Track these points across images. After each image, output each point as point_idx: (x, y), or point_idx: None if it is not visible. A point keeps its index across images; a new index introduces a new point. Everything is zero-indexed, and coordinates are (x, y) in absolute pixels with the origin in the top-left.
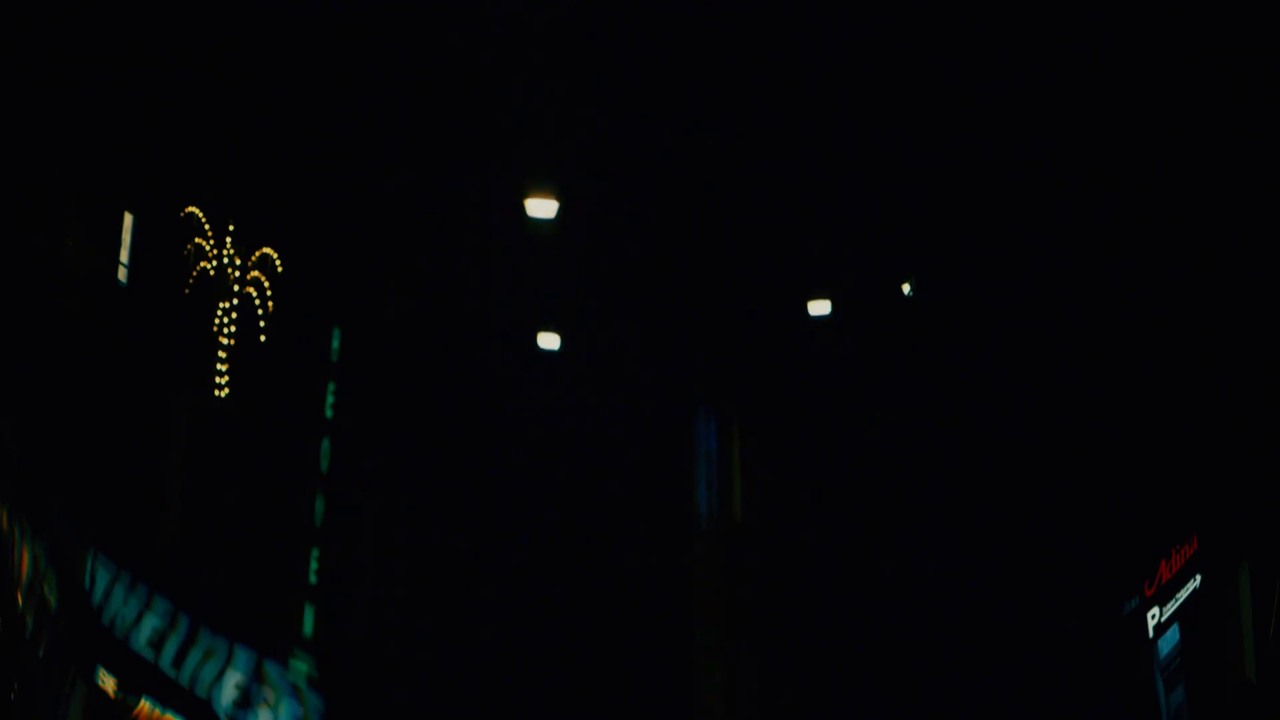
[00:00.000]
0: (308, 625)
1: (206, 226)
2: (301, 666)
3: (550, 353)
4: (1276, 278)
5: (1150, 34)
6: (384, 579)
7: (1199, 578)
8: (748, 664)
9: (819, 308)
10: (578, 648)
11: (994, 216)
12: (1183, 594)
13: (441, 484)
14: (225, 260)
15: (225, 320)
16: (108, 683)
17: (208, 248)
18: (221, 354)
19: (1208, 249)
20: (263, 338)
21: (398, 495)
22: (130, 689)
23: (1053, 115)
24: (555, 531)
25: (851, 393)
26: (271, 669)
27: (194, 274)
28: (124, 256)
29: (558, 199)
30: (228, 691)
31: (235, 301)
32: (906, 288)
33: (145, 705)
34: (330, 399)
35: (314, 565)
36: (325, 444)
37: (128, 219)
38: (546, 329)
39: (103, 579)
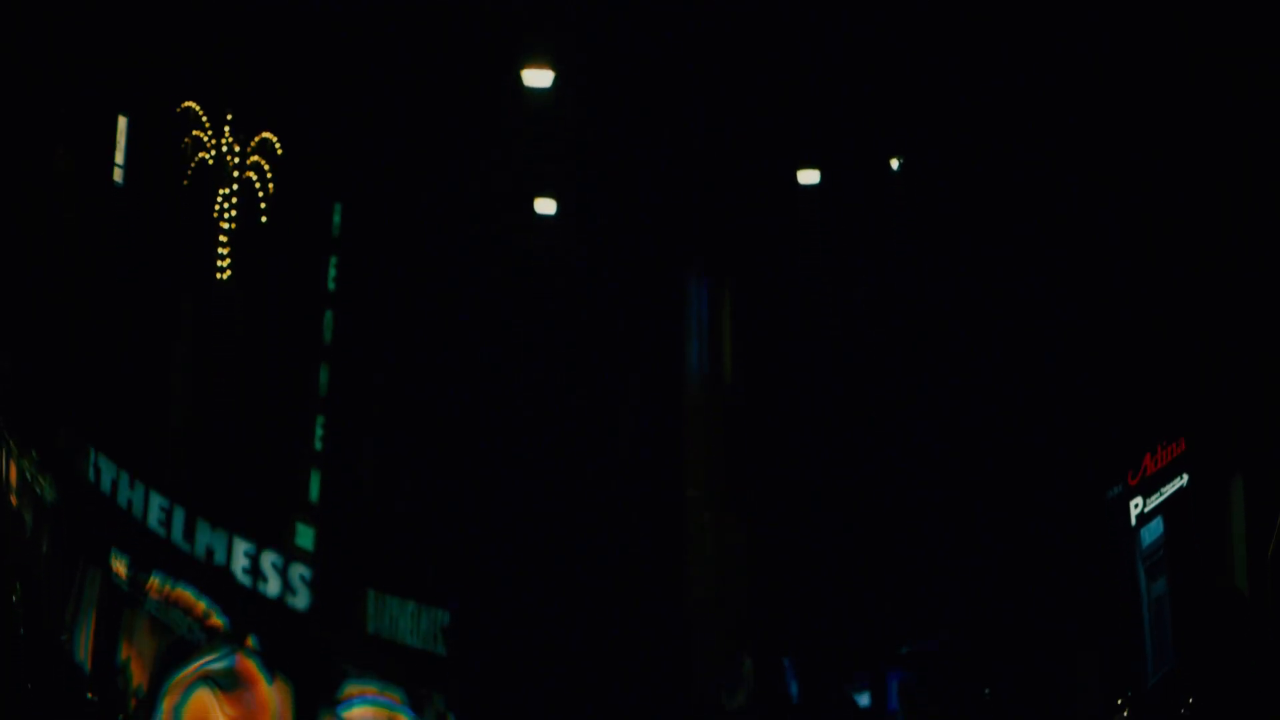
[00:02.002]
0: (314, 491)
1: (204, 119)
2: (308, 532)
3: (546, 217)
4: None
5: None
6: (389, 446)
7: (1185, 477)
8: (737, 521)
9: (808, 177)
10: (576, 504)
11: (988, 92)
12: (1168, 489)
13: (443, 350)
14: (224, 149)
15: (226, 206)
16: (119, 565)
17: (206, 139)
18: (222, 238)
19: (1214, 140)
20: (264, 219)
21: (401, 363)
22: (141, 566)
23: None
24: (552, 391)
25: (841, 259)
26: (271, 555)
27: (192, 166)
28: (119, 159)
29: (553, 69)
30: (239, 559)
31: (235, 188)
32: (895, 163)
33: (155, 581)
34: (333, 272)
35: (319, 433)
36: (328, 316)
37: (121, 122)
38: (543, 195)
39: (108, 470)
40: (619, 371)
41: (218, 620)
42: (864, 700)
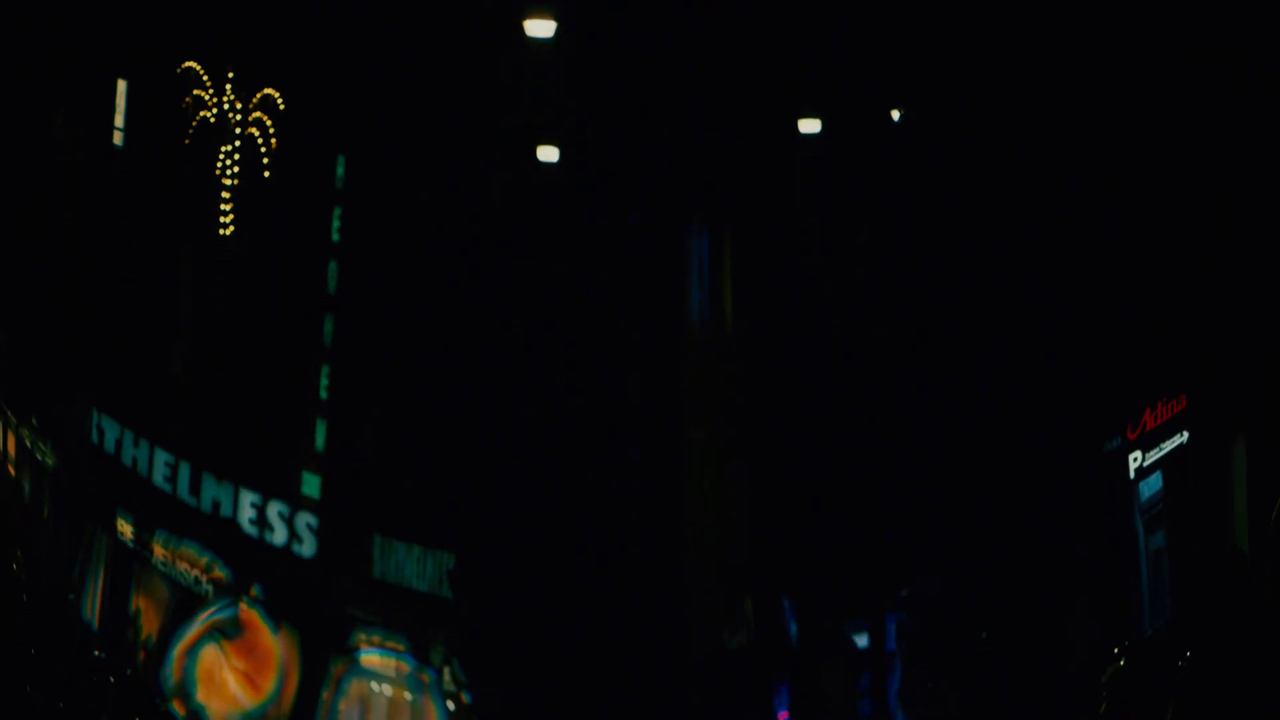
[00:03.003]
0: (319, 440)
1: (205, 78)
2: (314, 481)
3: (549, 166)
4: None
5: None
6: (394, 394)
7: (1186, 435)
8: (738, 464)
9: (809, 126)
10: (579, 449)
11: (989, 41)
12: (1168, 445)
13: (447, 301)
14: (226, 107)
15: (228, 163)
16: (125, 526)
17: (207, 98)
18: (225, 195)
19: (1218, 106)
20: (267, 174)
21: (405, 313)
22: (146, 527)
23: None
24: (556, 338)
25: (841, 208)
26: (277, 505)
27: (194, 125)
28: (119, 122)
29: (555, 20)
30: (245, 510)
31: (237, 144)
32: (896, 114)
33: (160, 541)
34: (336, 224)
35: (324, 382)
36: (333, 266)
37: (121, 85)
38: (545, 145)
39: (111, 430)
40: (621, 318)
41: (220, 573)
42: (863, 641)
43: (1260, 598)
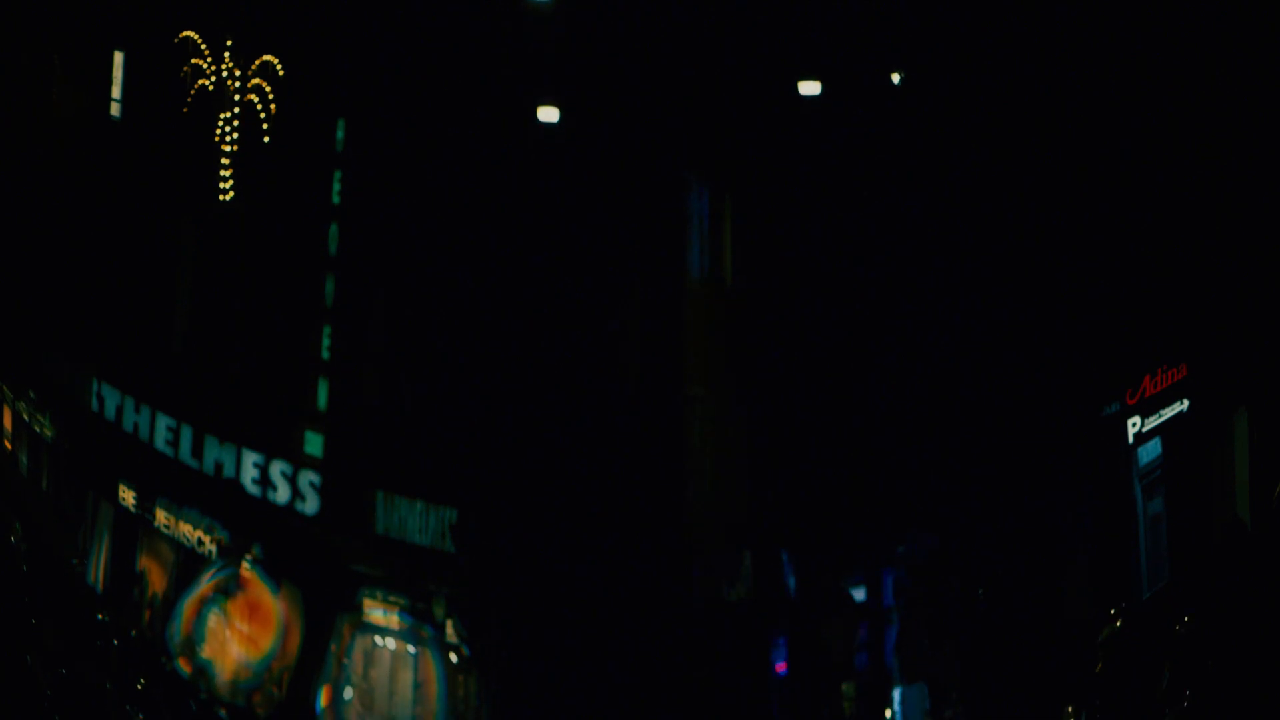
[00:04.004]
0: (321, 399)
1: (203, 47)
2: (316, 439)
3: (549, 126)
4: None
5: None
6: (396, 353)
7: (1186, 403)
8: (738, 418)
9: (809, 88)
10: (579, 404)
11: (991, 5)
12: (1168, 412)
13: (448, 258)
14: (225, 74)
15: (227, 129)
16: (127, 495)
17: (205, 66)
18: (224, 160)
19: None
20: (266, 139)
21: (406, 272)
22: (148, 497)
23: None
24: (556, 295)
25: (840, 168)
26: (280, 464)
27: (192, 93)
28: (116, 93)
29: None
30: (248, 470)
31: (237, 110)
32: (896, 77)
33: (161, 512)
34: (337, 186)
35: (326, 342)
36: (334, 229)
37: (118, 57)
38: (545, 104)
39: (112, 398)
40: (622, 275)
41: (220, 536)
42: (860, 595)
43: (1262, 567)
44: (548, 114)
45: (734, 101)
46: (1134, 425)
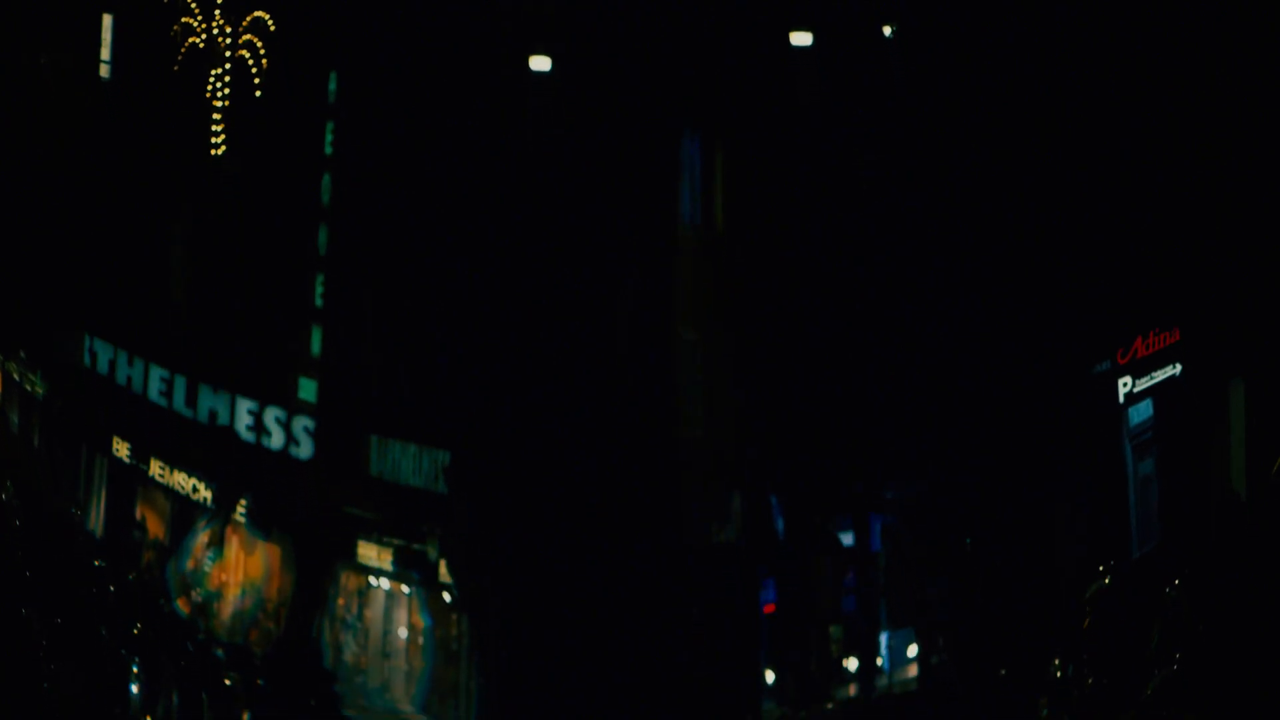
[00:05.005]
0: (315, 345)
1: (193, 5)
2: (310, 385)
3: (542, 75)
4: None
5: None
6: (388, 299)
7: (1179, 367)
8: (728, 363)
9: (800, 39)
10: (572, 349)
11: None
12: (1160, 375)
13: (441, 207)
14: (215, 32)
15: (218, 85)
16: (122, 449)
17: (195, 24)
18: (216, 116)
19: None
20: (258, 93)
21: (398, 221)
22: (141, 454)
23: None
24: (550, 242)
25: (832, 119)
26: (274, 410)
27: (182, 51)
28: (105, 55)
29: None
30: (242, 417)
31: (228, 67)
32: (888, 29)
33: (156, 465)
34: (329, 137)
35: (319, 290)
36: (326, 178)
37: (107, 20)
38: (538, 54)
39: (104, 352)
40: (615, 223)
41: (208, 490)
42: (848, 539)
43: (1258, 543)
44: (539, 63)
45: (726, 50)
46: (1125, 385)
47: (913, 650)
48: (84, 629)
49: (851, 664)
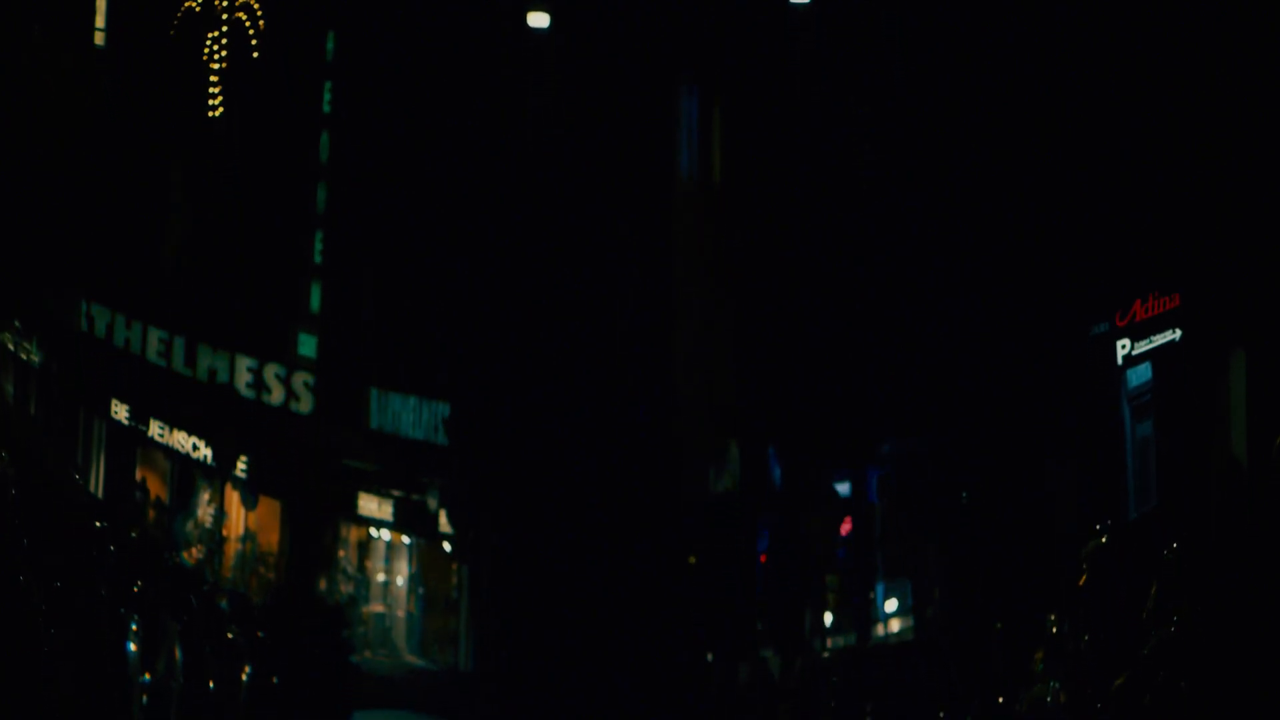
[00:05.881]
0: (315, 302)
1: None
2: (310, 341)
3: (539, 31)
4: None
5: None
6: (388, 255)
7: (1179, 332)
8: (726, 314)
9: None
10: (570, 299)
11: None
12: (1159, 339)
13: (439, 162)
14: None
15: (215, 48)
16: (120, 412)
17: None
18: (213, 77)
19: None
20: (255, 54)
21: (396, 179)
22: (140, 415)
23: None
24: (549, 193)
25: (830, 73)
26: (274, 367)
27: (178, 16)
28: (100, 23)
29: None
30: (242, 374)
31: (225, 29)
32: None
33: (155, 425)
34: (327, 96)
35: (319, 246)
36: (324, 137)
37: None
38: (536, 9)
39: (102, 316)
40: (613, 175)
41: (208, 448)
42: (844, 490)
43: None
44: (538, 19)
45: (724, 6)
46: (1123, 347)
47: (908, 601)
48: (83, 591)
49: (847, 613)
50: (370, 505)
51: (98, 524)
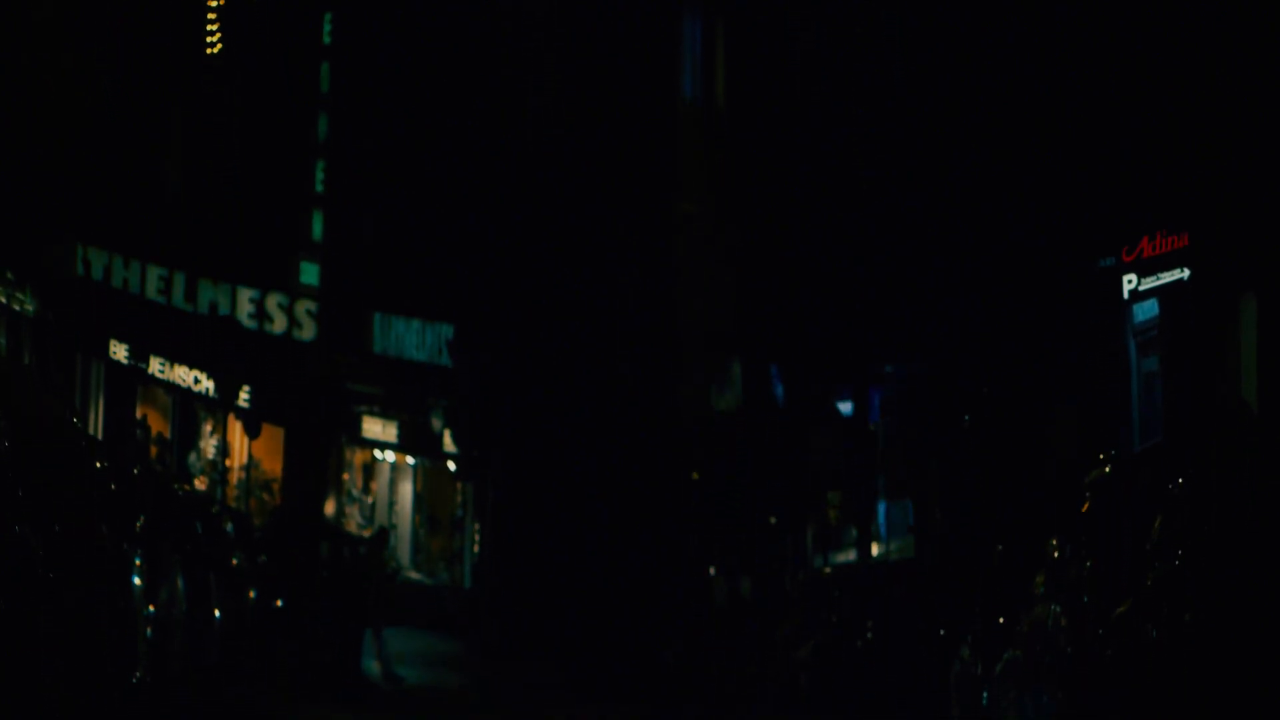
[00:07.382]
0: (316, 230)
1: None
2: (312, 269)
3: None
4: None
5: None
6: (389, 183)
7: (1187, 271)
8: (729, 235)
9: None
10: (575, 218)
11: None
12: (1166, 276)
13: (439, 89)
14: None
15: None
16: (119, 352)
17: None
18: (210, 15)
19: None
20: None
21: (399, 110)
22: (140, 353)
23: None
24: (552, 119)
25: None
26: (276, 296)
27: None
28: None
29: None
30: (244, 306)
31: None
32: None
33: (155, 362)
34: (328, 26)
35: (320, 175)
36: (325, 67)
37: None
38: None
39: (98, 259)
40: (617, 100)
41: (208, 382)
42: (847, 409)
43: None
44: None
45: None
46: (1130, 282)
47: (909, 521)
48: (84, 533)
49: (848, 531)
50: (374, 428)
51: (98, 464)
